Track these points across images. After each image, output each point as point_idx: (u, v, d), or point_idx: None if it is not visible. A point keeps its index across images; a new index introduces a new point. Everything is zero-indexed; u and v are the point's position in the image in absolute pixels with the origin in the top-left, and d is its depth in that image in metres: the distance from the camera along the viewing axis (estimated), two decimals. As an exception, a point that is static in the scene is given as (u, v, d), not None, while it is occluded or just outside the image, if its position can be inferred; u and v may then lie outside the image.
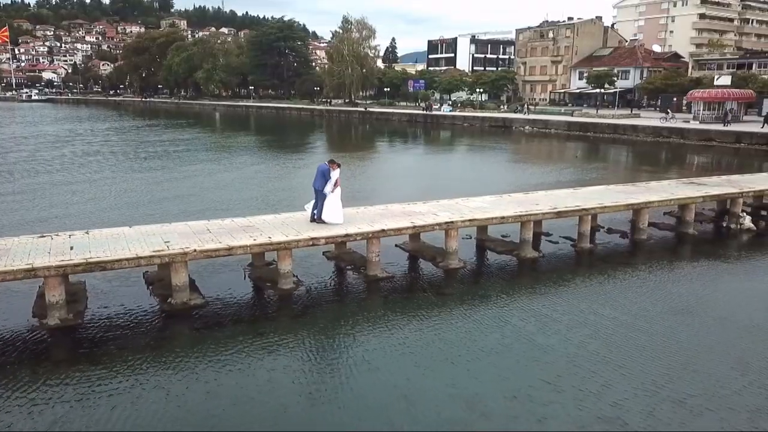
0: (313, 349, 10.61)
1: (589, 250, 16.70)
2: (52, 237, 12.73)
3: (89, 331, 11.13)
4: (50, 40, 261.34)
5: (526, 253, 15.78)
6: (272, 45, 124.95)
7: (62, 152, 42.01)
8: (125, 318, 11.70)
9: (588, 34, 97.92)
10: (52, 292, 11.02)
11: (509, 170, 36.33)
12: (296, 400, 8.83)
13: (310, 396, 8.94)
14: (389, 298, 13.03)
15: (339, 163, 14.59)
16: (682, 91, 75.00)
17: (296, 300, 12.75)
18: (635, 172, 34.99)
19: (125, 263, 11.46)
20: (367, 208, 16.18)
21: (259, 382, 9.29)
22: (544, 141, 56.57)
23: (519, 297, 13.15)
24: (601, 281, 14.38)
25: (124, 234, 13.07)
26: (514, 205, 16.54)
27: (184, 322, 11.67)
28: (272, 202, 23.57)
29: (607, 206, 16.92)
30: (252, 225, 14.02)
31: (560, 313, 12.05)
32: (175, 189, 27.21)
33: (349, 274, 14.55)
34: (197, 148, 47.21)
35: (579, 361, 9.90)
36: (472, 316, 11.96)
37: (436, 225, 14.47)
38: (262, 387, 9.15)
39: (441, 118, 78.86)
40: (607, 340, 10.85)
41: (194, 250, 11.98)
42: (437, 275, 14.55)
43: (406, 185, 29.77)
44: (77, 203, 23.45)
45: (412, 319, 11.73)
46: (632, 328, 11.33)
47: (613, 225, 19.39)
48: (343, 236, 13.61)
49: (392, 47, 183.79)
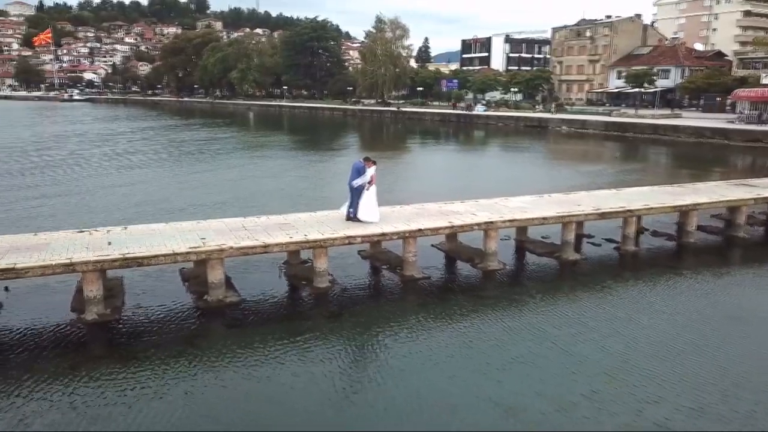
0: (348, 351, 10.34)
1: (634, 253, 16.08)
2: (91, 232, 12.79)
3: (126, 327, 11.11)
4: (91, 42, 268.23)
5: (567, 256, 15.25)
6: (305, 45, 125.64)
7: (102, 150, 42.81)
8: (161, 314, 11.64)
9: (627, 32, 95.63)
10: (89, 287, 11.03)
11: (546, 170, 35.57)
12: (329, 403, 8.60)
13: (344, 400, 8.70)
14: (425, 299, 12.68)
15: (374, 161, 14.31)
16: (725, 91, 72.69)
17: (331, 299, 12.53)
18: (678, 173, 33.88)
19: (162, 259, 11.40)
20: (402, 207, 15.88)
21: (292, 384, 9.07)
22: (581, 141, 55.36)
23: (560, 302, 12.62)
24: (647, 287, 13.72)
25: (161, 230, 13.05)
26: (555, 206, 16.02)
27: (220, 320, 11.56)
28: (307, 200, 23.46)
29: (653, 208, 16.24)
30: (288, 223, 13.86)
31: (602, 321, 11.49)
32: (211, 186, 27.40)
33: (384, 274, 14.26)
34: (233, 147, 47.64)
35: (620, 375, 9.31)
36: (511, 321, 11.52)
37: (475, 225, 14.07)
38: (295, 389, 8.93)
39: (475, 118, 78.05)
40: (652, 352, 10.18)
41: (230, 247, 11.87)
42: (475, 277, 14.15)
43: (441, 184, 29.36)
44: (116, 199, 23.78)
45: (449, 323, 11.37)
46: (680, 340, 10.69)
47: (659, 227, 18.66)
48: (379, 235, 13.34)
49: (425, 47, 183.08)
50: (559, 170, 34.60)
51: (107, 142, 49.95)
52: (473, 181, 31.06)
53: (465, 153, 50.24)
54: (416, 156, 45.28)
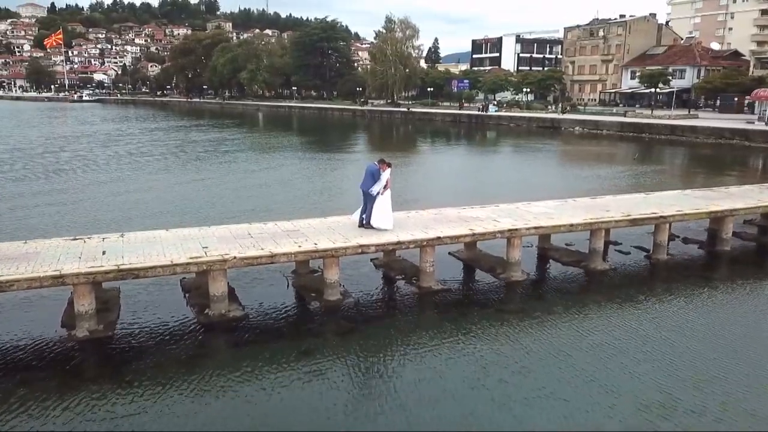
0: (362, 371, 9.39)
1: (666, 262, 14.99)
2: (85, 240, 11.91)
3: (120, 344, 10.20)
4: (102, 43, 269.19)
5: (595, 265, 14.21)
6: (315, 45, 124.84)
7: (109, 152, 42.07)
8: (159, 330, 10.73)
9: (641, 31, 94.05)
10: (81, 301, 10.14)
11: (563, 172, 34.42)
12: (342, 427, 7.65)
13: (357, 423, 7.75)
14: (444, 315, 11.66)
15: (389, 163, 13.35)
16: (742, 91, 71.12)
17: (343, 313, 11.57)
18: (702, 176, 32.69)
19: (159, 271, 10.49)
20: (418, 212, 14.88)
21: (302, 407, 8.21)
22: (596, 142, 54.06)
23: (588, 320, 11.49)
24: (683, 302, 12.62)
25: (161, 237, 12.15)
26: (581, 211, 14.98)
27: (222, 336, 10.64)
28: (317, 204, 22.54)
29: (688, 213, 15.15)
30: (296, 229, 12.93)
31: (635, 344, 10.35)
32: (218, 189, 26.46)
33: (399, 285, 13.28)
34: (241, 149, 46.77)
35: (656, 409, 8.24)
36: (535, 342, 10.43)
37: (498, 233, 13.06)
38: (303, 414, 8.02)
39: (486, 119, 76.90)
40: (692, 382, 9.07)
41: (234, 257, 10.94)
42: (497, 289, 13.14)
43: (457, 187, 28.32)
44: (117, 203, 22.84)
45: (467, 344, 10.33)
46: (724, 368, 9.54)
47: (689, 234, 17.58)
48: (394, 243, 12.37)
49: (435, 47, 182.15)
50: (576, 172, 33.44)
51: (114, 143, 49.27)
52: (489, 184, 30.02)
53: (479, 154, 49.11)
54: (429, 157, 44.19)
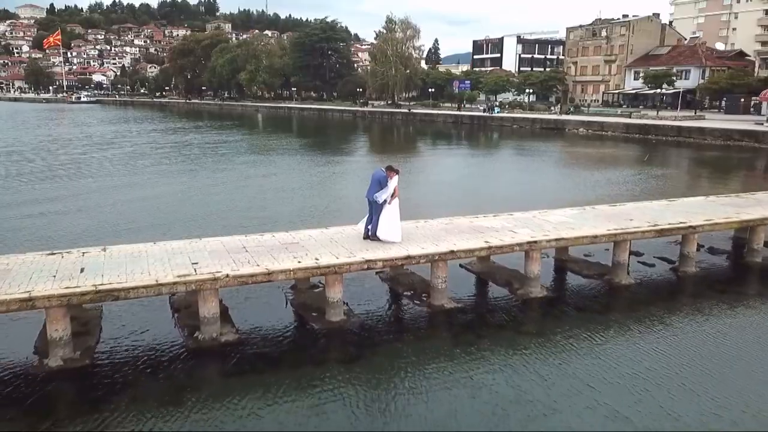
0: (366, 409, 8.26)
1: (695, 275, 13.89)
2: (63, 255, 10.80)
3: (98, 374, 9.10)
4: (101, 44, 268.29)
5: (620, 279, 13.12)
6: (315, 46, 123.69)
7: (101, 155, 40.80)
8: (143, 357, 9.63)
9: (644, 32, 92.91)
10: (54, 326, 9.04)
11: (573, 176, 33.23)
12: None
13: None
14: (458, 339, 10.50)
15: (397, 170, 12.24)
16: (749, 92, 70.14)
17: (347, 337, 10.47)
18: (721, 180, 31.57)
19: (142, 291, 9.39)
20: (428, 221, 13.79)
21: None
22: (602, 144, 52.95)
23: (617, 344, 10.32)
24: (720, 324, 11.40)
25: (147, 252, 11.05)
26: (603, 220, 13.88)
27: (212, 364, 9.53)
28: (318, 211, 21.38)
29: (719, 223, 14.05)
30: (296, 242, 11.84)
31: (671, 377, 9.14)
32: (213, 196, 25.16)
33: (407, 302, 12.16)
34: (239, 151, 45.60)
35: None
36: (560, 370, 9.31)
37: (516, 245, 11.96)
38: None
39: (489, 120, 75.83)
40: (736, 418, 8.06)
41: (226, 275, 9.84)
42: (514, 307, 12.04)
43: (465, 192, 27.18)
44: (104, 211, 21.39)
45: (487, 373, 9.21)
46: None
47: (715, 243, 16.46)
48: (403, 258, 11.26)
49: (435, 48, 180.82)
50: (586, 176, 32.30)
51: (109, 146, 48.06)
52: (498, 188, 28.99)
53: (484, 156, 47.93)
54: (433, 160, 43.00)
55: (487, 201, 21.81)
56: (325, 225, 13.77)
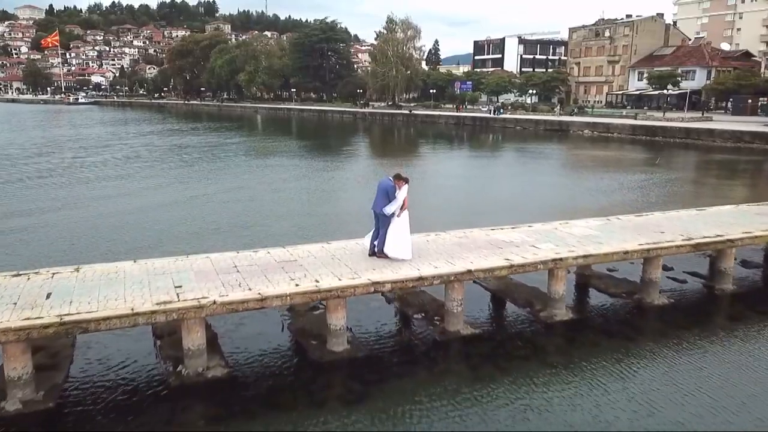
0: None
1: (732, 294, 12.64)
2: (29, 276, 9.55)
3: (63, 420, 7.85)
4: (99, 45, 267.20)
5: (651, 299, 11.88)
6: (314, 47, 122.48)
7: (93, 159, 39.41)
8: (116, 397, 8.37)
9: (648, 32, 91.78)
10: (11, 365, 7.79)
11: (582, 179, 31.90)
12: None
13: None
14: (476, 374, 9.16)
15: (406, 179, 10.96)
16: (756, 93, 69.06)
17: (350, 370, 9.20)
18: (742, 185, 30.31)
19: (115, 322, 8.13)
20: (439, 235, 12.53)
21: None
22: (608, 146, 51.68)
23: (656, 380, 9.02)
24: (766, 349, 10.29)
25: (125, 272, 9.80)
26: (631, 233, 12.64)
27: (197, 405, 8.27)
28: (318, 222, 19.95)
29: (758, 236, 12.80)
30: (293, 259, 10.59)
31: (715, 417, 8.05)
32: (205, 204, 23.50)
33: (419, 327, 10.90)
34: (237, 155, 44.20)
35: None
36: (591, 415, 8.08)
37: (540, 263, 10.70)
38: None
39: (491, 121, 74.58)
40: None
41: (213, 302, 8.59)
42: (538, 332, 10.77)
43: (476, 198, 25.86)
44: (84, 222, 19.59)
45: (510, 413, 8.01)
46: None
47: (747, 255, 15.20)
48: (415, 280, 9.99)
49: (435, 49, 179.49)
50: (596, 180, 30.98)
51: (103, 149, 46.57)
52: (509, 193, 27.73)
53: (489, 159, 46.54)
54: (437, 164, 41.53)
55: (499, 207, 20.62)
56: (326, 239, 12.47)
